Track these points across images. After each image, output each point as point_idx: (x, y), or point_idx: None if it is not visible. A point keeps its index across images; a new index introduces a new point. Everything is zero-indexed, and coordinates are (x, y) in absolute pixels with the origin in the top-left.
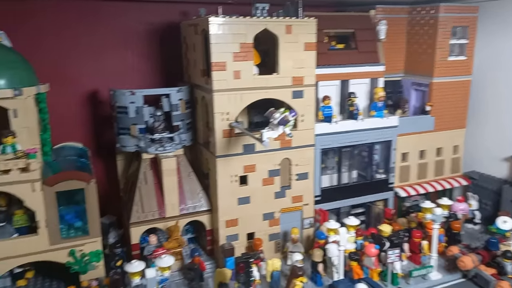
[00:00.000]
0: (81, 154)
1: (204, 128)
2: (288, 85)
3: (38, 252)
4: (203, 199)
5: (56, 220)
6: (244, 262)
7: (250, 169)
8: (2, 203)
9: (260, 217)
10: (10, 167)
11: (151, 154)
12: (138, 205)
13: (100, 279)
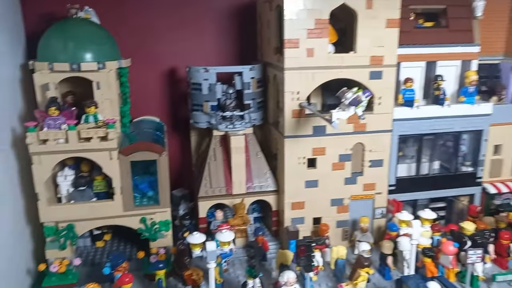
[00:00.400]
0: (157, 128)
1: (275, 107)
2: (366, 64)
3: (113, 217)
4: (270, 179)
5: (130, 188)
6: (305, 246)
7: (320, 152)
8: (84, 169)
9: (328, 202)
10: (91, 135)
11: (222, 131)
12: (207, 180)
13: (168, 248)
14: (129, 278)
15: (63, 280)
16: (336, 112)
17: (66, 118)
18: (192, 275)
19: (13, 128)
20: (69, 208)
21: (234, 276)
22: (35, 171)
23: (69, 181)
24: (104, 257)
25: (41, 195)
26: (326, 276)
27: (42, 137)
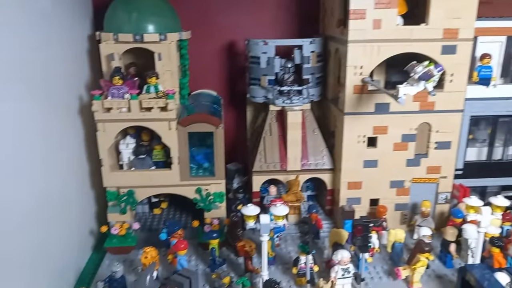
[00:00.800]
0: (214, 101)
1: (335, 83)
2: (438, 38)
3: (170, 186)
4: (326, 157)
5: (187, 158)
6: (362, 225)
7: (381, 130)
8: (145, 138)
9: (387, 183)
10: (152, 105)
11: (278, 106)
12: (262, 155)
13: (221, 219)
14: (184, 245)
15: (123, 242)
16: (403, 87)
17: (129, 88)
18: (244, 246)
19: (80, 97)
20: (130, 174)
21: (285, 251)
22: (99, 138)
23: (130, 149)
24: (160, 224)
25: (105, 161)
26: (382, 259)
27: (106, 106)
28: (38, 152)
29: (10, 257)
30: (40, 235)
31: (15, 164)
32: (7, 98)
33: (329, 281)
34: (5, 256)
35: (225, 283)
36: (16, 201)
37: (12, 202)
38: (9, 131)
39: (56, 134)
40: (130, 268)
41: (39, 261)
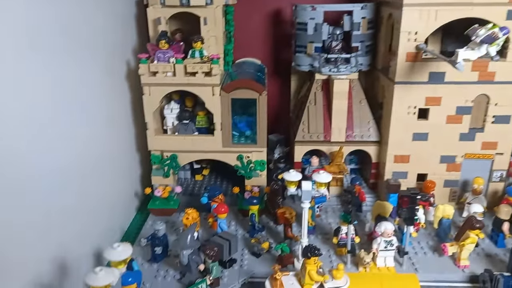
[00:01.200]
0: (258, 70)
1: (385, 51)
2: (504, 2)
3: (213, 152)
4: (372, 129)
5: (229, 125)
6: (409, 197)
7: (434, 101)
8: (188, 104)
9: (437, 158)
10: (196, 70)
11: (324, 75)
12: (305, 124)
13: (261, 187)
14: (225, 208)
15: (166, 204)
16: (463, 51)
17: (174, 52)
18: (285, 213)
19: (127, 61)
20: (174, 139)
21: (326, 222)
22: (145, 101)
23: (174, 115)
24: (202, 190)
25: (150, 125)
26: (427, 235)
27: (152, 69)
28: (89, 115)
29: (64, 211)
30: (90, 193)
31: (69, 126)
32: (60, 65)
33: (371, 253)
34: (59, 210)
35: (264, 248)
36: (70, 160)
37: (67, 161)
38: (63, 96)
39: (105, 98)
40: (172, 229)
41: (89, 217)
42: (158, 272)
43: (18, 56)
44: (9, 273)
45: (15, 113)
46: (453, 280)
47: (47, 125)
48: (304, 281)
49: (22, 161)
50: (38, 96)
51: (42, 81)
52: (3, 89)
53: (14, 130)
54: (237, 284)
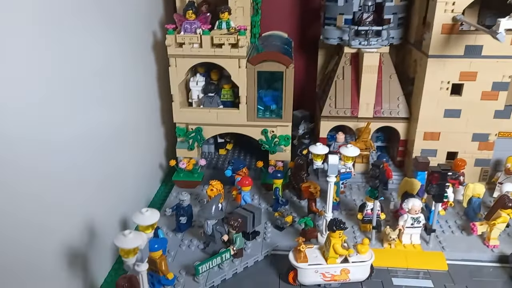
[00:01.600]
0: (285, 43)
1: (419, 24)
2: None
3: (237, 125)
4: (402, 105)
5: (255, 98)
6: (440, 173)
7: (469, 76)
8: (214, 77)
9: (468, 136)
10: (223, 41)
11: (354, 48)
12: (332, 99)
13: (285, 162)
14: (249, 181)
15: (190, 177)
16: (505, 21)
17: (201, 23)
18: (309, 187)
19: (154, 32)
20: (199, 112)
21: (350, 198)
22: (171, 73)
23: (200, 87)
24: (225, 164)
25: (175, 97)
26: (455, 214)
27: (179, 40)
28: (116, 87)
29: (94, 180)
30: (117, 163)
31: (97, 98)
32: (87, 35)
33: (397, 229)
34: (89, 179)
35: (287, 221)
36: (99, 130)
37: (96, 131)
38: (91, 67)
39: (132, 69)
40: (196, 201)
41: (116, 186)
42: (182, 241)
43: (46, 26)
44: (45, 234)
45: (47, 83)
46: (481, 260)
47: (76, 96)
48: (328, 254)
49: (57, 131)
50: (67, 66)
51: (70, 52)
52: (34, 58)
53: (45, 100)
54: (260, 255)
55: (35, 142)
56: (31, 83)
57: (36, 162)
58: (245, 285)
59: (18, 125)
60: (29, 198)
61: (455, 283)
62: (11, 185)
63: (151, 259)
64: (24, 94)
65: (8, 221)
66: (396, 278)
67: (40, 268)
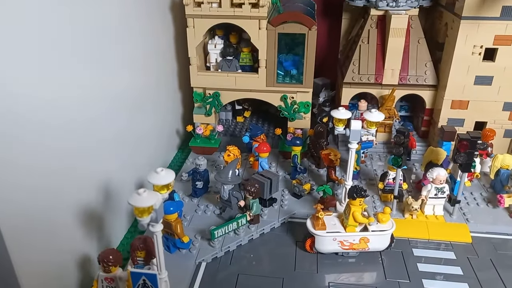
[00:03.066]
0: (308, 5)
1: None
2: None
3: (256, 91)
4: (429, 72)
5: (275, 63)
6: (469, 141)
7: (505, 41)
8: (233, 40)
9: (499, 105)
10: (243, 1)
11: (381, 10)
12: (355, 65)
13: (305, 130)
14: (267, 147)
15: (207, 143)
16: None
17: None
18: (329, 154)
19: None
20: (216, 76)
21: (371, 168)
22: (189, 34)
23: (218, 50)
24: (243, 131)
25: (193, 60)
26: (482, 186)
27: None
28: (134, 49)
29: (112, 142)
30: (134, 127)
31: (114, 60)
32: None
33: (419, 199)
34: (108, 140)
35: (305, 189)
36: (117, 92)
37: (114, 92)
38: (107, 28)
39: (149, 31)
40: (212, 167)
41: (133, 149)
42: (198, 206)
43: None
44: (65, 191)
45: (63, 46)
46: (507, 233)
47: (93, 59)
48: (348, 222)
49: (76, 93)
50: (84, 29)
51: (87, 15)
52: (52, 23)
53: (62, 63)
54: (277, 222)
55: (53, 102)
56: (48, 47)
57: (56, 122)
58: (261, 252)
59: (39, 88)
60: (50, 158)
61: (479, 255)
62: (35, 143)
63: (167, 221)
64: (42, 58)
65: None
66: (416, 249)
67: (57, 225)
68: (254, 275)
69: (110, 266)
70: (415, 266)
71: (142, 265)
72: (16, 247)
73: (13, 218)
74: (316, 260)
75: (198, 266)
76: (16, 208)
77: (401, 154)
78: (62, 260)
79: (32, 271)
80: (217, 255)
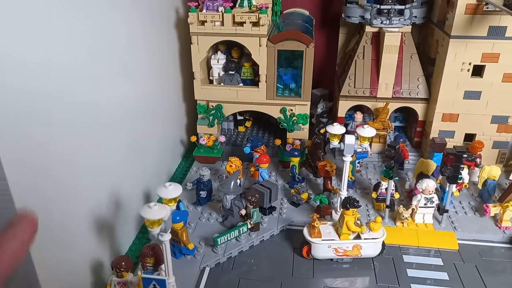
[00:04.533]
0: (306, 21)
1: (443, 4)
2: None
3: (257, 103)
4: (421, 86)
5: (274, 77)
6: (455, 155)
7: (491, 58)
8: (234, 55)
9: (488, 118)
10: (244, 20)
11: (375, 27)
12: (351, 79)
13: (303, 141)
14: (267, 158)
15: (210, 153)
16: None
17: (223, 1)
18: (326, 166)
19: (176, 9)
20: (219, 89)
21: (365, 177)
22: (193, 50)
23: (221, 65)
24: (244, 141)
25: (197, 74)
26: (470, 196)
27: (201, 18)
28: (142, 63)
29: (119, 153)
30: (141, 137)
31: (122, 74)
32: (111, 12)
33: (410, 208)
34: (116, 152)
35: (303, 198)
36: (125, 104)
37: (122, 105)
38: (115, 45)
39: (155, 47)
40: (215, 176)
41: (140, 160)
42: (202, 214)
43: (70, 8)
44: (76, 202)
45: (76, 63)
46: (492, 240)
47: (103, 72)
48: (341, 230)
49: (86, 108)
50: (95, 45)
51: (96, 29)
52: (61, 35)
53: (70, 75)
54: (276, 230)
55: (66, 116)
56: (58, 58)
57: (64, 137)
58: (261, 257)
59: (49, 107)
60: (67, 173)
61: (465, 262)
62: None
63: (173, 230)
64: (52, 66)
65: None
66: (407, 255)
67: (74, 235)
68: (254, 280)
69: (123, 271)
70: (405, 272)
71: (151, 270)
72: (39, 257)
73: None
74: (312, 265)
75: (202, 271)
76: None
77: (392, 166)
78: (77, 266)
79: (51, 278)
80: (220, 260)
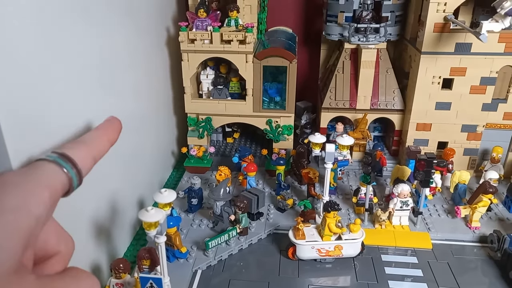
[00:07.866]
0: (290, 38)
1: (415, 22)
2: None
3: (244, 116)
4: (397, 98)
5: (260, 91)
6: (425, 161)
7: (459, 72)
8: (223, 70)
9: (458, 127)
10: (231, 38)
11: (353, 44)
12: (332, 92)
13: (288, 150)
14: (254, 167)
15: (200, 163)
16: (487, 23)
17: (211, 21)
18: (309, 173)
19: (167, 28)
20: (208, 103)
21: (347, 184)
22: (183, 67)
23: (210, 80)
24: (232, 151)
25: (187, 89)
26: (443, 199)
27: (191, 37)
28: (135, 79)
29: (115, 163)
30: (134, 149)
31: (115, 89)
32: (106, 30)
33: (387, 211)
34: (112, 162)
35: (288, 204)
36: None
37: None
38: (109, 60)
39: (147, 64)
40: (205, 185)
41: (134, 170)
42: (193, 220)
43: (66, 21)
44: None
45: (67, 76)
46: (463, 240)
47: (97, 85)
48: (324, 232)
49: (82, 122)
50: (87, 59)
51: (89, 46)
52: (56, 53)
53: (66, 92)
54: (263, 234)
55: (64, 129)
56: (48, 74)
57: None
58: (250, 260)
59: (50, 116)
60: None
61: (438, 259)
62: None
63: (167, 234)
64: (42, 82)
65: None
66: (385, 255)
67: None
68: (244, 280)
69: (121, 273)
70: (383, 270)
71: (147, 271)
72: None
73: None
74: (297, 266)
75: (195, 274)
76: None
77: (369, 172)
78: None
79: None
80: (211, 263)
